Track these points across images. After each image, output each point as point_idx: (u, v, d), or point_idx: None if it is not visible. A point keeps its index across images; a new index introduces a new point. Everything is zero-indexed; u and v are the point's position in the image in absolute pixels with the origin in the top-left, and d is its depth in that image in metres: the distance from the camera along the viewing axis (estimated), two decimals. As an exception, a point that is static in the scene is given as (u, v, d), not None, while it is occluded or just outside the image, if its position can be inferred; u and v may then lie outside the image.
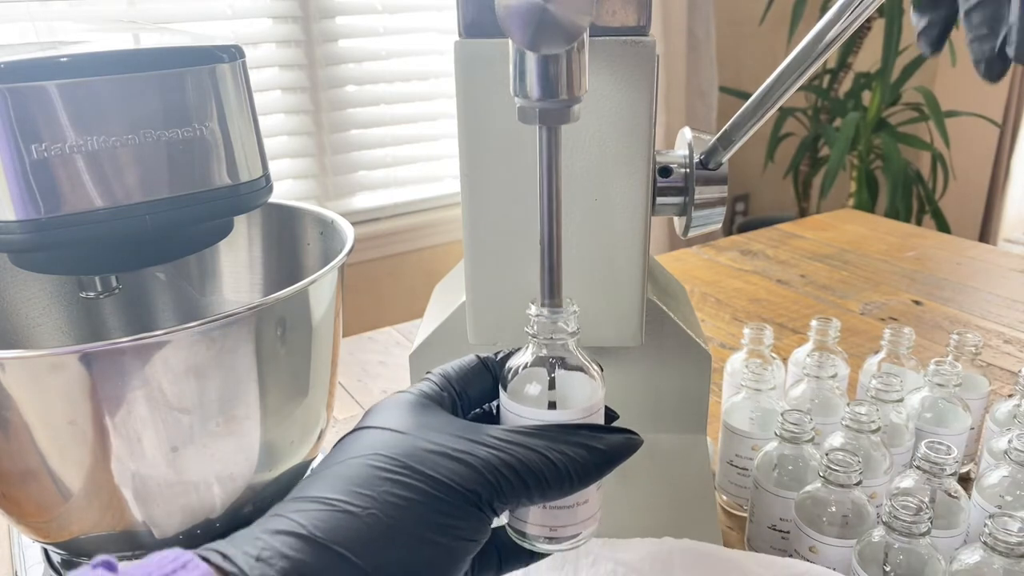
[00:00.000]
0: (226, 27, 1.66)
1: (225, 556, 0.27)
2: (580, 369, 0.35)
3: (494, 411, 0.37)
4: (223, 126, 0.42)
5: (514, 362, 0.35)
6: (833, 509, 0.48)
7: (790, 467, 0.53)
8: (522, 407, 0.34)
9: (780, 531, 0.53)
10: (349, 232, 0.50)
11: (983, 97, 2.43)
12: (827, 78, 2.32)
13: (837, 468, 0.47)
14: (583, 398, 0.35)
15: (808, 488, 0.50)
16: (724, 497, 0.62)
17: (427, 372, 0.37)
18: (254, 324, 0.40)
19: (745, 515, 0.60)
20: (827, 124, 2.30)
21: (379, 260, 1.93)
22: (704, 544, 0.49)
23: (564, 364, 0.35)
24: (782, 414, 0.53)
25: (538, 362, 0.35)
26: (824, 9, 2.17)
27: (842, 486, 0.48)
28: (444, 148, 1.95)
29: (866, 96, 2.29)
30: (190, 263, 0.58)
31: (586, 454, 0.33)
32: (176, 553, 0.26)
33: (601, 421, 0.36)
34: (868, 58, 2.28)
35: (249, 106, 0.44)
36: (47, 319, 0.55)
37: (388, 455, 0.31)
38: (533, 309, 0.35)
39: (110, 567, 0.25)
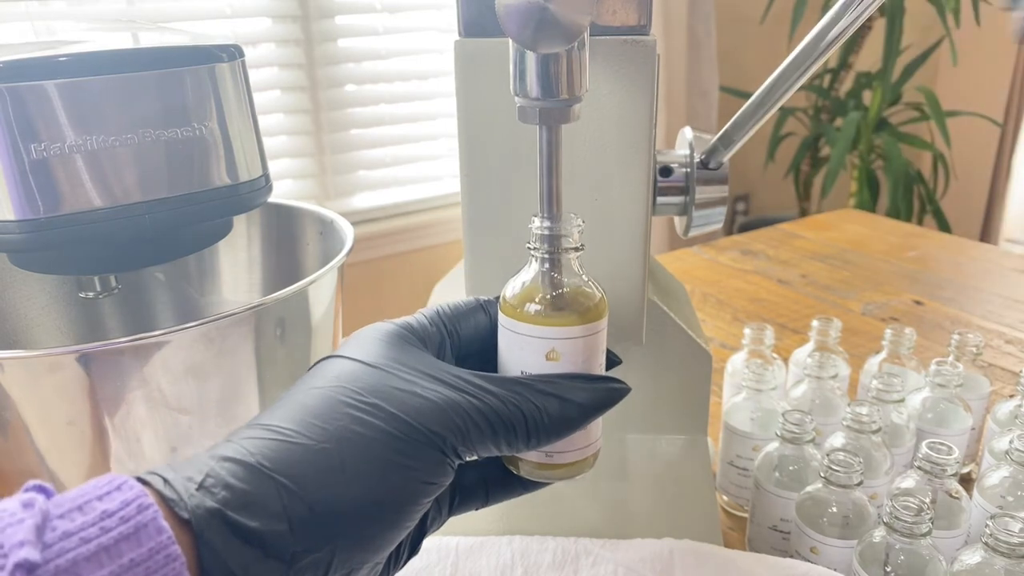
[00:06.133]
0: (225, 26, 1.65)
1: (166, 481, 0.26)
2: (581, 288, 0.34)
3: (491, 351, 0.35)
4: (222, 126, 0.42)
5: (514, 280, 0.34)
6: (834, 510, 0.48)
7: (791, 468, 0.53)
8: (517, 323, 0.33)
9: (781, 532, 0.53)
10: (349, 232, 0.50)
11: (984, 97, 2.43)
12: (828, 77, 2.32)
13: (838, 469, 0.47)
14: (583, 318, 0.33)
15: (809, 489, 0.50)
16: (725, 498, 0.62)
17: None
18: (253, 324, 0.40)
19: (746, 516, 0.60)
20: (828, 124, 2.30)
21: (379, 260, 1.93)
22: (705, 545, 0.49)
23: (565, 282, 0.34)
24: (783, 414, 0.53)
25: (538, 278, 0.34)
26: (825, 8, 2.17)
27: (843, 487, 0.47)
28: (444, 147, 1.95)
29: (867, 96, 2.29)
30: (189, 263, 0.58)
31: (563, 406, 0.31)
32: (112, 476, 0.25)
33: (602, 346, 0.34)
34: (869, 57, 2.28)
35: (248, 105, 0.44)
36: (46, 319, 0.55)
37: (352, 388, 0.29)
38: (536, 222, 0.34)
39: (43, 490, 0.24)
